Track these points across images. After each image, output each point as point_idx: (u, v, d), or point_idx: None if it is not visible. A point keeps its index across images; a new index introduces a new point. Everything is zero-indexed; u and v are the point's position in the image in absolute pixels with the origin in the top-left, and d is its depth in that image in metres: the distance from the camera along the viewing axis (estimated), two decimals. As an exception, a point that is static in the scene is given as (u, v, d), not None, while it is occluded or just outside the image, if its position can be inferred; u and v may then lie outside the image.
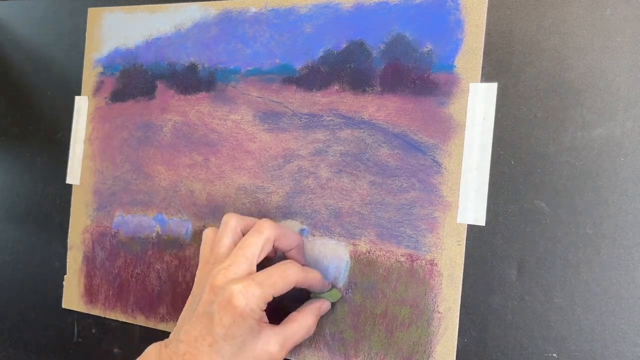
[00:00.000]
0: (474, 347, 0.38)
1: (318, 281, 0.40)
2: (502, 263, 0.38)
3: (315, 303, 0.41)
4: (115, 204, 0.52)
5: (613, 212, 0.36)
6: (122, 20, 0.53)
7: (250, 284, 0.36)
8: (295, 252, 0.41)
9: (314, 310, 0.40)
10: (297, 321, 0.39)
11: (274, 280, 0.36)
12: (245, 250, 0.38)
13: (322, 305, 0.41)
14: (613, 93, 0.36)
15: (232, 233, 0.40)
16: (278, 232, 0.39)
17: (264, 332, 0.36)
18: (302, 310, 0.40)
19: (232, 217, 0.40)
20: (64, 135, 0.55)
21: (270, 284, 0.36)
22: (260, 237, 0.38)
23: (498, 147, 0.39)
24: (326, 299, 0.42)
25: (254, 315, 0.36)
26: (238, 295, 0.35)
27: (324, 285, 0.41)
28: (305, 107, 0.45)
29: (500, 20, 0.39)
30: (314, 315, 0.40)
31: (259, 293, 0.35)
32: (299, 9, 0.45)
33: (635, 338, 0.35)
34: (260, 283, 0.36)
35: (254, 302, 0.35)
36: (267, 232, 0.38)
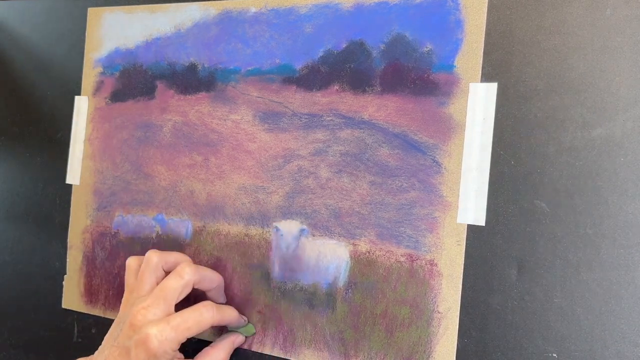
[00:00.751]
0: (474, 347, 0.38)
1: (234, 319, 0.43)
2: (502, 263, 0.38)
3: (229, 338, 0.44)
4: (115, 204, 0.52)
5: (613, 212, 0.36)
6: (122, 20, 0.53)
7: (165, 328, 0.38)
8: (214, 293, 0.44)
9: (227, 344, 0.43)
10: (209, 356, 0.42)
11: (189, 325, 0.39)
12: (165, 293, 0.40)
13: (235, 339, 0.44)
14: (613, 93, 0.36)
15: (154, 271, 0.43)
16: (197, 276, 0.42)
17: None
18: (215, 345, 0.43)
19: (154, 255, 0.43)
20: (64, 135, 0.55)
21: (185, 328, 0.39)
22: (180, 281, 0.41)
23: (498, 147, 0.39)
24: (240, 333, 0.45)
25: (166, 357, 0.39)
26: (153, 338, 0.38)
27: (240, 322, 0.44)
28: (305, 107, 0.45)
29: (500, 20, 0.39)
30: (227, 350, 0.43)
31: (173, 337, 0.38)
32: (299, 9, 0.45)
33: (635, 338, 0.35)
34: (175, 327, 0.39)
35: (167, 345, 0.38)
36: (187, 277, 0.41)
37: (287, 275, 0.44)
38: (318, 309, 0.43)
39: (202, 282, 0.43)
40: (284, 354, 0.44)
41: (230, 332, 0.45)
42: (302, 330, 0.43)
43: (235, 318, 0.43)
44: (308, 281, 0.44)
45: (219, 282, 0.44)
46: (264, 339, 0.45)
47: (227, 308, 0.43)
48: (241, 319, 0.44)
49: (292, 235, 0.44)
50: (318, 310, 0.43)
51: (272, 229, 0.45)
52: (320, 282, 0.43)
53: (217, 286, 0.44)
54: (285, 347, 0.44)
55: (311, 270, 0.44)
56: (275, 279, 0.45)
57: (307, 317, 0.43)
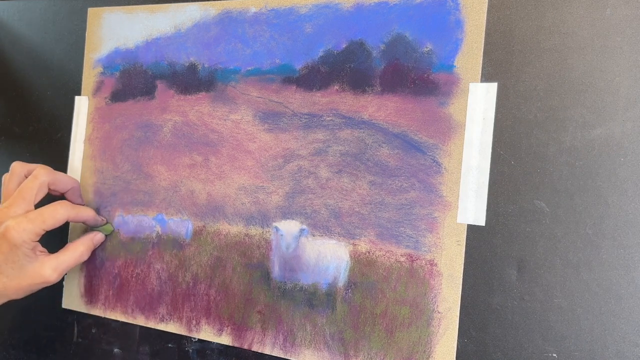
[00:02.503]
0: (473, 347, 0.38)
1: (90, 217, 0.49)
2: (502, 263, 0.38)
3: (89, 235, 0.50)
4: (116, 204, 0.52)
5: (613, 212, 0.36)
6: (122, 20, 0.53)
7: (22, 220, 0.44)
8: (70, 194, 0.50)
9: (86, 240, 0.49)
10: (70, 250, 0.48)
11: (44, 217, 0.45)
12: (23, 193, 0.46)
13: (94, 236, 0.50)
14: (613, 93, 0.36)
15: (17, 178, 0.49)
16: (52, 177, 0.48)
17: (39, 259, 0.46)
18: (76, 240, 0.49)
19: (17, 165, 0.49)
20: (64, 135, 0.55)
21: (41, 220, 0.45)
22: (36, 181, 0.47)
23: (498, 147, 0.39)
24: (99, 231, 0.51)
25: (26, 246, 0.44)
26: (11, 230, 0.44)
27: (97, 221, 0.50)
28: (305, 107, 0.45)
29: (500, 20, 0.39)
30: (86, 245, 0.49)
31: (30, 228, 0.44)
32: (299, 9, 0.45)
33: (635, 338, 0.35)
34: (31, 220, 0.44)
35: (25, 235, 0.44)
36: (42, 177, 0.47)
37: (287, 275, 0.44)
38: (318, 309, 0.43)
39: (57, 184, 0.48)
40: (284, 354, 0.44)
41: (91, 231, 0.51)
42: (302, 330, 0.43)
43: (91, 216, 0.49)
44: (308, 281, 0.44)
45: (74, 185, 0.50)
46: (264, 339, 0.45)
47: (83, 208, 0.48)
48: (98, 218, 0.50)
49: (292, 235, 0.44)
50: (318, 310, 0.43)
51: (272, 229, 0.45)
52: (320, 282, 0.43)
53: (72, 188, 0.50)
54: (285, 347, 0.44)
55: (311, 270, 0.44)
56: (275, 279, 0.45)
57: (307, 317, 0.43)
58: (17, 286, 0.45)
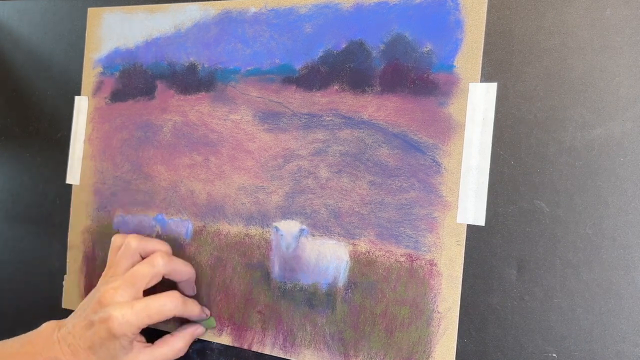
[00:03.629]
0: (473, 347, 0.38)
1: (196, 313, 0.45)
2: (502, 263, 0.38)
3: (189, 328, 0.46)
4: (116, 204, 0.52)
5: (613, 212, 0.36)
6: (122, 20, 0.53)
7: (128, 312, 0.41)
8: (184, 285, 0.46)
9: (186, 335, 0.45)
10: (168, 344, 0.44)
11: (151, 312, 0.41)
12: (135, 278, 0.43)
13: (195, 330, 0.46)
14: (613, 93, 0.36)
15: (131, 255, 0.45)
16: (168, 268, 0.44)
17: (134, 350, 0.42)
18: (175, 334, 0.45)
19: (134, 240, 0.45)
20: (64, 135, 0.55)
21: (146, 315, 0.41)
22: (151, 270, 0.43)
23: (498, 147, 0.39)
24: (201, 325, 0.46)
25: (125, 339, 0.41)
26: (114, 319, 0.40)
27: (202, 316, 0.46)
28: (305, 107, 0.45)
29: (500, 20, 0.39)
30: (186, 340, 0.45)
31: (133, 321, 0.41)
32: (298, 9, 0.45)
33: (635, 338, 0.35)
34: (137, 312, 0.41)
35: (127, 328, 0.40)
36: (158, 267, 0.43)
37: (287, 275, 0.44)
38: (318, 309, 0.43)
39: (173, 274, 0.44)
40: (284, 354, 0.44)
41: (191, 323, 0.46)
42: (302, 330, 0.43)
43: (197, 312, 0.45)
44: (308, 281, 0.44)
45: (190, 276, 0.46)
46: (264, 339, 0.45)
47: (192, 302, 0.44)
48: (203, 313, 0.46)
49: (292, 235, 0.44)
50: (318, 310, 0.43)
51: (272, 229, 0.45)
52: (320, 282, 0.43)
53: (187, 279, 0.46)
54: (285, 347, 0.44)
55: (311, 270, 0.44)
56: (275, 279, 0.45)
57: (307, 317, 0.43)
58: None
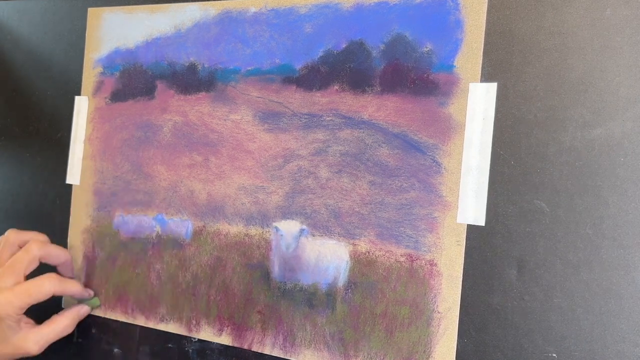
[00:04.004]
0: (473, 347, 0.38)
1: (77, 291, 0.50)
2: (502, 263, 0.38)
3: (75, 307, 0.50)
4: (115, 204, 0.52)
5: (613, 212, 0.36)
6: (122, 20, 0.53)
7: (8, 294, 0.45)
8: (62, 268, 0.51)
9: (71, 313, 0.50)
10: (55, 322, 0.48)
11: (30, 292, 0.46)
12: (14, 265, 0.47)
13: (80, 309, 0.50)
14: (613, 93, 0.36)
15: (10, 247, 0.49)
16: (44, 251, 0.48)
17: (22, 331, 0.47)
18: (62, 312, 0.50)
19: (12, 233, 0.50)
20: (64, 135, 0.55)
21: (26, 295, 0.46)
22: (27, 255, 0.47)
23: (498, 147, 0.39)
24: (86, 304, 0.51)
25: (10, 319, 0.45)
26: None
27: (84, 295, 0.50)
28: (305, 107, 0.45)
29: (500, 20, 0.39)
30: (71, 318, 0.49)
31: (15, 302, 0.45)
32: (298, 9, 0.45)
33: (635, 338, 0.35)
34: (17, 294, 0.45)
35: (10, 309, 0.45)
36: (34, 252, 0.48)
37: (287, 275, 0.44)
38: (318, 309, 0.43)
39: (48, 258, 0.49)
40: (284, 354, 0.44)
41: (77, 303, 0.51)
42: (302, 330, 0.43)
43: (78, 290, 0.49)
44: (308, 281, 0.44)
45: (65, 259, 0.50)
46: (264, 339, 0.45)
47: (71, 281, 0.49)
48: (85, 292, 0.50)
49: (292, 235, 0.44)
50: (318, 310, 0.43)
51: (272, 229, 0.45)
52: (320, 282, 0.43)
53: (63, 262, 0.50)
54: (285, 347, 0.44)
55: (311, 270, 0.44)
56: (275, 279, 0.45)
57: (307, 317, 0.43)
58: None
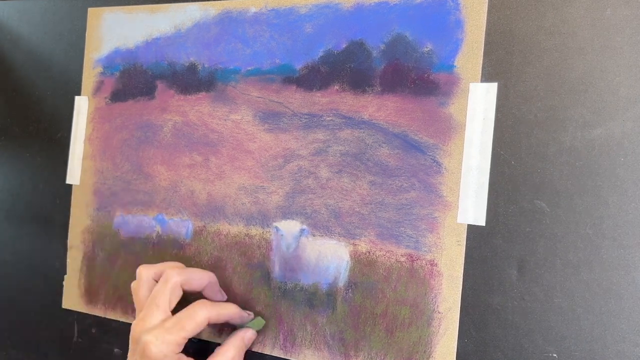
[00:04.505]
0: (474, 347, 0.38)
1: (233, 315, 0.43)
2: (502, 263, 0.38)
3: (238, 334, 0.43)
4: (115, 204, 0.52)
5: (613, 212, 0.36)
6: (122, 20, 0.53)
7: (160, 332, 0.39)
8: (208, 291, 0.44)
9: (236, 341, 0.42)
10: (219, 355, 0.41)
11: (183, 324, 0.40)
12: (156, 300, 0.41)
13: (245, 335, 0.43)
14: (613, 93, 0.36)
15: (145, 284, 0.43)
16: (183, 277, 0.42)
17: None
18: (225, 343, 0.42)
19: (143, 270, 0.44)
20: (64, 135, 0.55)
21: (179, 328, 0.39)
22: (167, 285, 0.41)
23: (498, 147, 0.39)
24: (250, 327, 0.44)
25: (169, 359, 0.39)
26: (150, 345, 0.39)
27: (243, 317, 0.43)
28: (305, 107, 0.45)
29: (500, 20, 0.39)
30: (237, 347, 0.42)
31: (169, 339, 0.39)
32: (299, 9, 0.45)
33: (635, 338, 0.35)
34: (169, 330, 0.39)
35: (165, 348, 0.39)
36: (173, 279, 0.42)
37: (288, 275, 0.44)
38: (318, 309, 0.43)
39: (190, 283, 0.43)
40: (284, 354, 0.44)
41: (239, 329, 0.43)
42: (302, 330, 0.43)
43: (234, 313, 0.43)
44: (308, 281, 0.44)
45: (210, 280, 0.44)
46: (264, 339, 0.45)
47: (224, 304, 0.42)
48: (243, 313, 0.43)
49: (293, 235, 0.44)
50: (318, 310, 0.43)
51: (273, 229, 0.45)
52: (320, 282, 0.43)
53: (208, 284, 0.44)
54: (285, 347, 0.44)
55: (311, 270, 0.44)
56: (276, 279, 0.45)
57: (307, 317, 0.43)
58: None
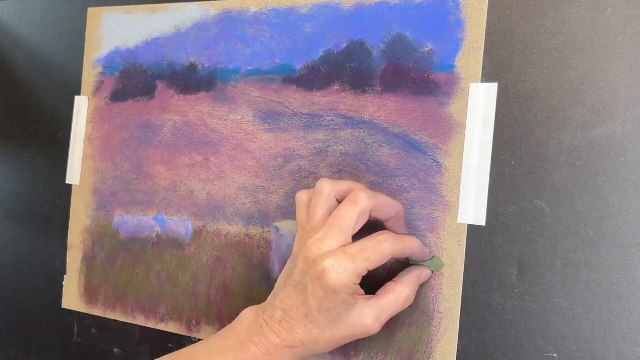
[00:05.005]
0: (474, 347, 0.38)
1: (417, 250, 0.38)
2: (503, 263, 0.38)
3: (414, 271, 0.39)
4: (115, 204, 0.52)
5: (613, 212, 0.36)
6: (122, 20, 0.53)
7: (343, 258, 0.34)
8: (393, 222, 0.38)
9: (412, 279, 0.38)
10: (393, 292, 0.37)
11: (368, 254, 0.35)
12: (340, 222, 0.36)
13: (421, 273, 0.39)
14: (613, 93, 0.36)
15: (326, 201, 0.37)
16: (375, 202, 0.36)
17: (358, 305, 0.36)
18: (399, 279, 0.38)
19: (326, 184, 0.38)
20: (64, 135, 0.55)
21: (364, 258, 0.35)
22: (355, 208, 0.36)
23: (498, 147, 0.39)
24: (427, 267, 0.39)
25: (346, 290, 0.34)
26: (330, 270, 0.34)
27: (425, 254, 0.39)
28: (305, 107, 0.45)
29: (500, 20, 0.39)
30: (412, 285, 0.38)
31: (352, 268, 0.34)
32: (299, 8, 0.45)
33: (635, 338, 0.35)
34: (353, 257, 0.34)
35: (346, 277, 0.34)
36: (363, 203, 0.36)
37: (288, 275, 0.44)
38: (318, 309, 0.43)
39: (380, 210, 0.37)
40: (284, 354, 0.44)
41: (415, 266, 0.39)
42: (302, 330, 0.43)
43: (418, 249, 0.38)
44: (308, 281, 0.43)
45: (398, 210, 0.38)
46: (264, 339, 0.45)
47: (409, 238, 0.38)
48: (426, 250, 0.39)
49: (293, 235, 0.44)
50: (318, 310, 0.43)
51: (273, 229, 0.45)
52: (320, 282, 0.43)
53: (396, 215, 0.38)
54: (286, 347, 0.44)
55: (311, 270, 0.43)
56: (276, 279, 0.45)
57: (307, 317, 0.43)
58: (329, 338, 0.36)
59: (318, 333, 0.36)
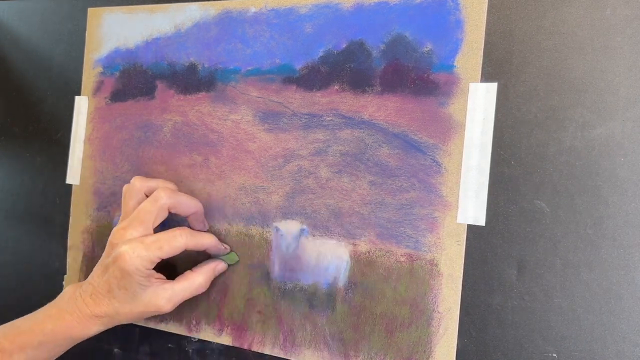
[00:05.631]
0: (474, 347, 0.38)
1: (211, 245, 0.44)
2: (502, 263, 0.38)
3: (210, 263, 0.45)
4: (115, 204, 0.52)
5: (613, 212, 0.36)
6: (122, 20, 0.53)
7: (137, 246, 0.41)
8: (192, 219, 0.45)
9: (207, 270, 0.45)
10: (188, 279, 0.44)
11: (161, 244, 0.41)
12: (142, 215, 0.43)
13: (216, 266, 0.45)
14: (613, 93, 0.36)
15: (136, 195, 0.45)
16: (172, 200, 0.43)
17: (152, 287, 0.42)
18: (196, 269, 0.45)
19: (138, 181, 0.45)
20: (64, 135, 0.55)
21: (157, 247, 0.41)
22: (156, 204, 0.43)
23: (498, 147, 0.39)
24: (223, 260, 0.46)
25: (139, 273, 0.41)
26: (125, 255, 0.41)
27: (220, 249, 0.45)
28: (305, 107, 0.45)
29: (500, 20, 0.39)
30: (206, 275, 0.45)
31: (145, 255, 0.41)
32: (299, 9, 0.45)
33: (635, 338, 0.35)
34: (147, 246, 0.41)
35: (138, 262, 0.41)
36: (162, 200, 0.43)
37: (287, 275, 0.44)
38: (318, 309, 0.43)
39: (178, 207, 0.44)
40: (284, 354, 0.44)
41: (212, 259, 0.46)
42: (302, 330, 0.43)
43: (212, 244, 0.44)
44: (308, 281, 0.44)
45: (197, 209, 0.45)
46: (264, 339, 0.45)
47: (204, 234, 0.44)
48: (220, 246, 0.45)
49: (292, 235, 0.44)
50: (318, 310, 0.43)
51: (272, 229, 0.45)
52: (320, 282, 0.43)
53: (194, 212, 0.45)
54: (285, 347, 0.44)
55: (311, 270, 0.44)
56: (275, 279, 0.45)
57: (307, 317, 0.43)
58: (129, 312, 0.43)
59: (119, 306, 0.42)
